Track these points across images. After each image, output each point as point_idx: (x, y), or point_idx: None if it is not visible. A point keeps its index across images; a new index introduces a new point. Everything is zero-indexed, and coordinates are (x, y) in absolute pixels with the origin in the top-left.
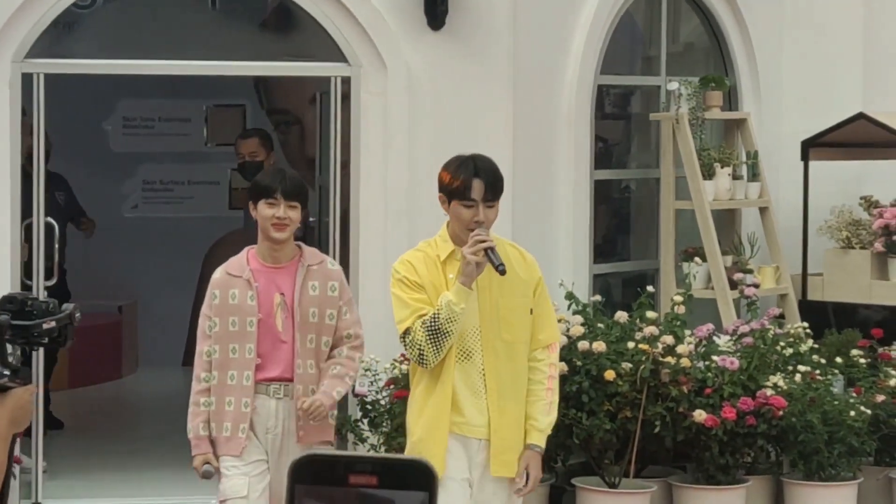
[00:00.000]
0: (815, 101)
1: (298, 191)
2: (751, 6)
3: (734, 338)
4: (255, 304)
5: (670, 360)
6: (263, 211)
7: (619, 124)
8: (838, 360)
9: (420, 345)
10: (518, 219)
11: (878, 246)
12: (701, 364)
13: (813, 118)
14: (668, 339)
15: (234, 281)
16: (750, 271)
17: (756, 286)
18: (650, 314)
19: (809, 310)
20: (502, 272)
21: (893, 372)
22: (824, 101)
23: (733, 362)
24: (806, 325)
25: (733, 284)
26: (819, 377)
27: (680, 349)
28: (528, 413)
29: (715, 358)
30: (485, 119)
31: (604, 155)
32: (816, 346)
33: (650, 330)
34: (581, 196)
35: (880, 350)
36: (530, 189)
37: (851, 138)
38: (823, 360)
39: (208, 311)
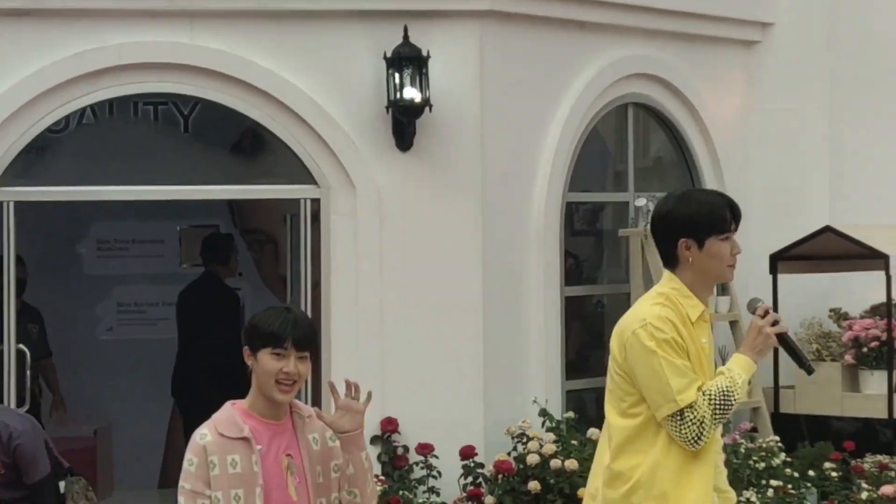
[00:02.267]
0: (782, 214)
1: (311, 339)
2: (716, 121)
3: None
4: (259, 471)
5: None
6: (267, 364)
7: (589, 240)
8: (811, 473)
9: (704, 422)
10: (489, 336)
11: (849, 358)
12: None
13: (780, 232)
14: None
15: (231, 444)
16: None
17: None
18: None
19: (782, 423)
20: (810, 371)
21: (866, 485)
22: (791, 214)
23: None
24: (778, 438)
25: None
26: (792, 491)
27: None
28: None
29: None
30: (454, 238)
31: (574, 271)
32: (789, 459)
33: None
34: (552, 312)
35: (853, 463)
36: (502, 306)
37: (819, 251)
38: (796, 474)
39: (201, 487)
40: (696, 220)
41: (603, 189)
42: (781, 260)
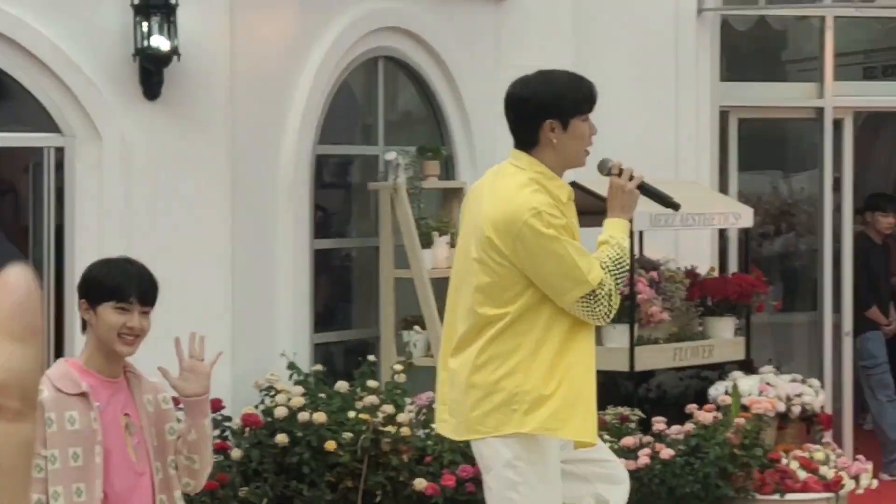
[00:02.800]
0: None
1: (155, 293)
2: (466, 77)
3: None
4: (98, 428)
5: (391, 429)
6: (109, 317)
7: (339, 193)
8: None
9: (611, 295)
10: (238, 289)
11: None
12: (421, 432)
13: None
14: (389, 409)
15: (68, 400)
16: None
17: None
18: (371, 383)
19: None
20: (677, 207)
21: (608, 436)
22: None
23: None
24: None
25: None
26: None
27: (400, 418)
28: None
29: (434, 426)
30: (203, 190)
31: (324, 224)
32: None
33: (371, 399)
34: (301, 265)
35: None
36: (251, 259)
37: None
38: None
39: (36, 446)
40: (562, 101)
41: (353, 142)
42: None
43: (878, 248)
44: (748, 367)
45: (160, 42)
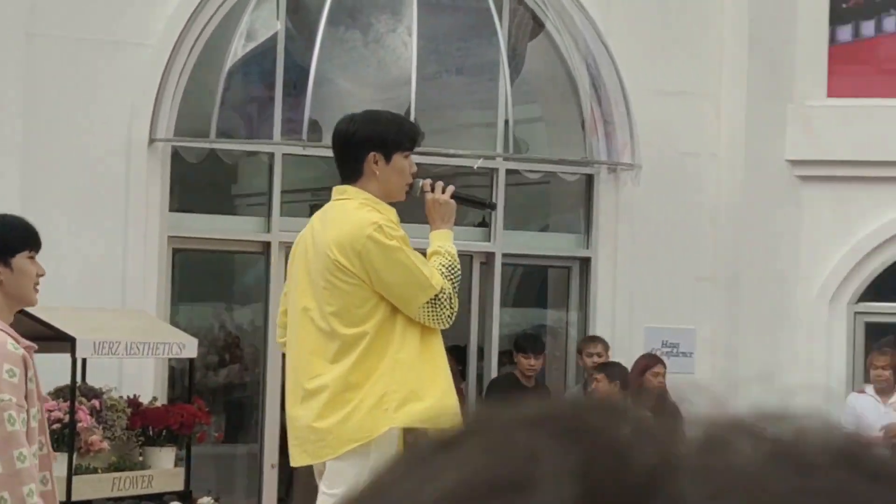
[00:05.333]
0: None
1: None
2: None
3: None
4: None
5: None
6: (26, 266)
7: None
8: None
9: (451, 299)
10: None
11: None
12: None
13: None
14: None
15: (25, 356)
16: None
17: None
18: None
19: None
20: (493, 206)
21: None
22: None
23: None
24: None
25: None
26: None
27: None
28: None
29: None
30: None
31: None
32: None
33: None
34: None
35: None
36: None
37: None
38: None
39: (19, 396)
40: (385, 136)
41: None
42: None
43: (529, 392)
44: (187, 497)
45: None
